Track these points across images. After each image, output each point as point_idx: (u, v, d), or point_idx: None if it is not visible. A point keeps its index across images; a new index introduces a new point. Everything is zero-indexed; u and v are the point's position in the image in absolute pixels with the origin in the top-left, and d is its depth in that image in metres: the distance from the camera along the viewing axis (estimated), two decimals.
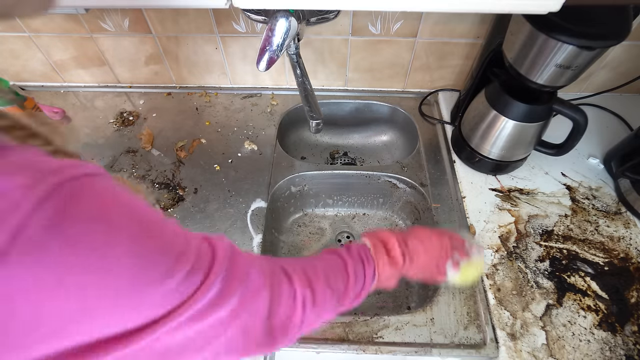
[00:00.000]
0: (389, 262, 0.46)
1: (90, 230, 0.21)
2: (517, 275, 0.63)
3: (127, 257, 0.23)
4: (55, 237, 0.20)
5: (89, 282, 0.21)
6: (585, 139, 0.65)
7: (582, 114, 0.61)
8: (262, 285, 0.33)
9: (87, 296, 0.21)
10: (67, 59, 0.91)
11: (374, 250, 0.46)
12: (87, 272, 0.21)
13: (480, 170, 0.77)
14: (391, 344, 0.58)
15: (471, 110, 0.75)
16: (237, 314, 0.30)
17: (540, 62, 0.55)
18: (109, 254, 0.22)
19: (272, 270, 0.36)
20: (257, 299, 0.32)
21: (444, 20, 0.77)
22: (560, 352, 0.56)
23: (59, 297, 0.20)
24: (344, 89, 0.95)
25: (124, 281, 0.23)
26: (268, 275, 0.35)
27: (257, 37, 0.83)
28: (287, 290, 0.36)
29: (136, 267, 0.23)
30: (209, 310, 0.27)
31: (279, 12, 0.53)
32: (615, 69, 0.84)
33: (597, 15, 0.50)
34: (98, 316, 0.22)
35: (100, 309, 0.22)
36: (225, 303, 0.29)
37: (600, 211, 0.71)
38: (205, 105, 0.93)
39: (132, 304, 0.23)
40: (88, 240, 0.21)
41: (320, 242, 0.86)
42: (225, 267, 0.30)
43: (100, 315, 0.22)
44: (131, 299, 0.23)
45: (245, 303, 0.31)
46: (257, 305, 0.32)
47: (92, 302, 0.22)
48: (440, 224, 0.71)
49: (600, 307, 0.60)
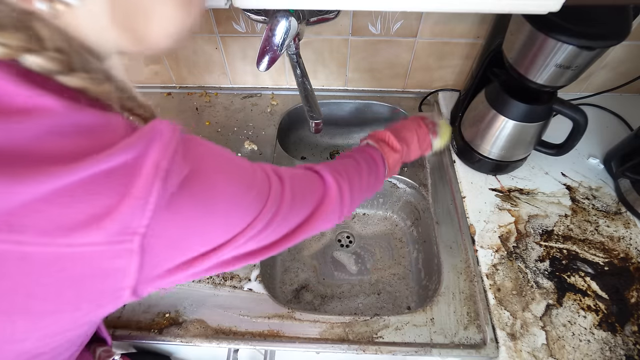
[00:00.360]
0: (392, 151, 0.58)
1: (214, 179, 0.30)
2: (517, 275, 0.63)
3: (233, 194, 0.32)
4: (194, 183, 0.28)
5: (212, 213, 0.30)
6: (585, 139, 0.65)
7: (582, 114, 0.61)
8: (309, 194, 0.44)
9: (210, 223, 0.30)
10: None
11: (378, 146, 0.58)
12: (212, 207, 0.30)
13: (480, 170, 0.77)
14: (391, 344, 0.58)
15: (471, 110, 0.75)
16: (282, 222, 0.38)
17: (540, 62, 0.55)
18: (226, 191, 0.31)
19: (310, 179, 0.46)
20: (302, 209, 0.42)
21: (444, 20, 0.77)
22: (560, 352, 0.56)
23: (198, 224, 0.29)
24: (344, 89, 0.95)
25: (230, 210, 0.32)
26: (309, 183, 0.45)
27: (257, 37, 0.83)
28: (323, 189, 0.46)
29: (237, 198, 0.32)
30: (266, 226, 0.36)
31: (279, 12, 0.53)
32: (615, 69, 0.84)
33: (597, 15, 0.50)
34: (211, 239, 0.31)
35: (214, 231, 0.31)
36: (277, 217, 0.37)
37: (600, 211, 0.71)
38: (205, 105, 0.93)
39: (229, 225, 0.32)
40: (214, 185, 0.30)
41: (320, 242, 0.86)
42: (278, 194, 0.38)
43: (215, 236, 0.31)
44: (230, 221, 0.32)
45: (290, 213, 0.39)
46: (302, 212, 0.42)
47: (211, 227, 0.30)
48: (440, 224, 0.71)
49: (600, 307, 0.60)
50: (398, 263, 0.82)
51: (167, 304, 0.62)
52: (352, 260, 0.83)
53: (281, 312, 0.61)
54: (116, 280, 0.26)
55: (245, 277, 0.65)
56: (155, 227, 0.25)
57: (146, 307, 0.62)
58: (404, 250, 0.84)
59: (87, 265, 0.24)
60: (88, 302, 0.27)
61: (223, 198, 0.31)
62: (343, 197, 0.47)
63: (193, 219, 0.28)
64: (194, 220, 0.29)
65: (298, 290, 0.78)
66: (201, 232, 0.30)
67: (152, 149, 0.25)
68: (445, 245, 0.68)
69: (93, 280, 0.25)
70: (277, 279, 0.79)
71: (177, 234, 0.28)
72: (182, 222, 0.28)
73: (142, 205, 0.24)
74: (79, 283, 0.25)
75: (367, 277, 0.81)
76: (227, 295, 0.63)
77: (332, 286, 0.79)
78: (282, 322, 0.60)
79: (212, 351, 0.74)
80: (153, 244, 0.26)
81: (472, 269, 0.65)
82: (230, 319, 0.61)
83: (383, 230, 0.88)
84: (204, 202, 0.29)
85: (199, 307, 0.62)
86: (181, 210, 0.27)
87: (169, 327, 0.60)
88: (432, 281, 0.70)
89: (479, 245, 0.67)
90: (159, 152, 0.25)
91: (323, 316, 0.61)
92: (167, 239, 0.27)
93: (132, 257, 0.25)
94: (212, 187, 0.30)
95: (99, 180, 0.23)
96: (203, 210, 0.29)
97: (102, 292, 0.27)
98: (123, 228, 0.24)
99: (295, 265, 0.82)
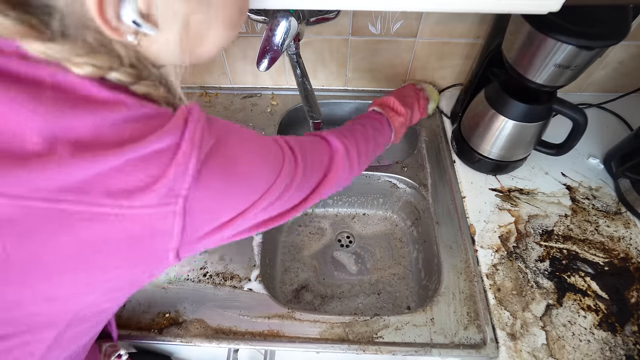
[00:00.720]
0: (397, 115, 0.64)
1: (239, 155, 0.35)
2: (517, 275, 0.63)
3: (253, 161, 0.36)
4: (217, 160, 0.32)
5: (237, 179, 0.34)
6: (585, 139, 0.65)
7: (582, 113, 0.61)
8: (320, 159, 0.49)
9: (236, 187, 0.34)
10: None
11: (384, 111, 0.64)
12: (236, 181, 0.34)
13: (480, 170, 0.77)
14: (391, 344, 0.58)
15: (471, 110, 0.75)
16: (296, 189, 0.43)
17: (539, 61, 0.55)
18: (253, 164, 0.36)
19: (318, 145, 0.50)
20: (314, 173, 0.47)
21: (444, 20, 0.77)
22: (560, 352, 0.56)
23: (227, 188, 0.33)
24: (344, 89, 0.95)
25: (252, 176, 0.36)
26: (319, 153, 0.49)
27: (257, 37, 0.83)
28: (330, 152, 0.51)
29: (257, 164, 0.37)
30: (282, 193, 0.40)
31: (279, 12, 0.54)
32: (616, 69, 0.84)
33: (596, 15, 0.50)
34: (237, 204, 0.35)
35: (240, 196, 0.35)
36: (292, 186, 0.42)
37: (600, 211, 0.71)
38: (205, 105, 0.93)
39: (252, 190, 0.36)
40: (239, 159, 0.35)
41: (320, 242, 0.86)
42: (292, 162, 0.42)
43: (241, 200, 0.36)
44: (252, 186, 0.36)
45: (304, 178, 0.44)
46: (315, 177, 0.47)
47: (237, 192, 0.35)
48: (440, 224, 0.71)
49: (600, 307, 0.60)
50: (398, 263, 0.82)
51: (167, 304, 0.62)
52: (352, 260, 0.83)
53: (281, 312, 0.61)
54: (164, 242, 0.31)
55: (245, 277, 0.65)
56: (194, 190, 0.30)
57: (146, 307, 0.62)
58: (404, 250, 0.84)
59: (144, 226, 0.29)
60: (143, 261, 0.31)
61: (245, 165, 0.35)
62: (351, 158, 0.52)
63: (222, 184, 0.32)
64: (223, 185, 0.33)
65: (298, 290, 0.78)
66: (230, 196, 0.34)
67: (187, 128, 0.30)
68: (445, 245, 0.68)
69: (148, 240, 0.30)
70: (277, 279, 0.79)
71: (211, 197, 0.32)
72: (213, 187, 0.32)
73: (183, 170, 0.29)
74: (137, 242, 0.29)
75: (367, 277, 0.81)
76: (227, 295, 0.63)
77: (332, 286, 0.79)
78: (282, 322, 0.60)
79: (212, 351, 0.74)
80: (194, 208, 0.30)
81: (472, 269, 0.65)
82: (230, 319, 0.61)
83: (383, 230, 0.88)
84: (229, 168, 0.33)
85: (199, 307, 0.62)
86: (212, 175, 0.31)
87: (169, 327, 0.60)
88: (432, 281, 0.70)
89: (479, 245, 0.67)
90: (192, 128, 0.30)
91: (323, 316, 0.61)
92: (204, 203, 0.31)
93: (176, 219, 0.30)
94: (234, 155, 0.34)
95: (152, 155, 0.28)
96: (229, 176, 0.33)
97: (154, 252, 0.31)
98: (169, 190, 0.28)
99: (295, 265, 0.82)
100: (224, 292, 0.64)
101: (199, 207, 0.31)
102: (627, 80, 0.85)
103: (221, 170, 0.32)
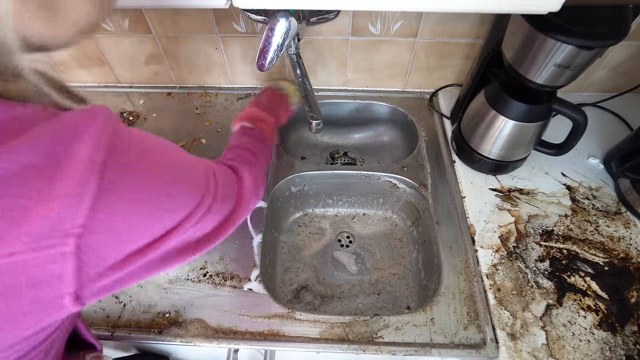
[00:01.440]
0: (267, 124, 0.65)
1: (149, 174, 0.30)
2: (517, 275, 0.63)
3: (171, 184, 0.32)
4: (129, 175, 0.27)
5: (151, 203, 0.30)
6: (585, 139, 0.65)
7: (582, 113, 0.61)
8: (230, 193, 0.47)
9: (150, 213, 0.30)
10: (67, 58, 0.91)
11: (255, 125, 0.64)
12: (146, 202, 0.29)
13: (480, 170, 0.77)
14: (391, 344, 0.58)
15: (471, 110, 0.75)
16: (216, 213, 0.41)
17: (539, 61, 0.55)
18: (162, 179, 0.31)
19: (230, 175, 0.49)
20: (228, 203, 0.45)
21: (444, 20, 0.77)
22: (560, 352, 0.55)
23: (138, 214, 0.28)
24: (344, 89, 0.95)
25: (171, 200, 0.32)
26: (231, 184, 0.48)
27: (257, 37, 0.83)
28: (237, 181, 0.50)
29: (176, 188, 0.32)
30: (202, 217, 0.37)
31: (279, 12, 0.54)
32: (615, 69, 0.84)
33: (596, 15, 0.50)
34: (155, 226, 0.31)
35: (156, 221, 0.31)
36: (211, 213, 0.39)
37: (600, 211, 0.71)
38: (205, 105, 0.93)
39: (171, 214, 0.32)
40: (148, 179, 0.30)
41: (320, 242, 0.86)
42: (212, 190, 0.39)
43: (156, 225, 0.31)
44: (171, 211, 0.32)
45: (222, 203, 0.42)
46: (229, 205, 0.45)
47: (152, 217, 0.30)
48: (440, 224, 0.71)
49: (600, 307, 0.60)
50: (398, 263, 0.82)
51: (167, 304, 0.62)
52: (352, 260, 0.83)
53: (281, 312, 0.61)
54: (53, 288, 0.25)
55: (245, 277, 0.65)
56: (92, 224, 0.24)
57: (146, 307, 0.62)
58: (404, 250, 0.84)
59: (17, 277, 0.23)
60: (25, 315, 0.25)
61: (160, 189, 0.30)
62: (257, 184, 0.54)
63: (133, 210, 0.28)
64: (133, 211, 0.28)
65: (298, 290, 0.78)
66: (141, 222, 0.29)
67: (81, 141, 0.23)
68: (445, 245, 0.68)
69: (27, 290, 0.24)
70: (277, 279, 0.79)
71: (118, 226, 0.27)
72: (122, 214, 0.27)
73: (76, 203, 0.23)
74: (11, 296, 0.23)
75: (367, 277, 0.81)
76: (227, 295, 0.63)
77: (332, 286, 0.79)
78: (282, 322, 0.60)
79: (212, 351, 0.74)
80: (92, 242, 0.25)
81: (472, 269, 0.65)
82: (230, 319, 0.61)
83: (383, 230, 0.88)
84: (143, 192, 0.28)
85: (199, 307, 0.62)
86: (120, 202, 0.26)
87: (169, 327, 0.60)
88: (432, 281, 0.70)
89: (479, 245, 0.67)
90: (91, 141, 0.23)
91: (323, 316, 0.61)
92: (108, 234, 0.26)
93: (68, 260, 0.24)
94: (149, 178, 0.29)
95: (20, 173, 0.20)
96: (142, 200, 0.28)
97: (39, 303, 0.25)
98: (51, 231, 0.22)
99: (295, 265, 0.82)
100: (224, 292, 0.64)
101: (102, 240, 0.26)
102: (626, 80, 0.85)
103: (134, 195, 0.27)
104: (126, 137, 0.28)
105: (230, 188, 0.47)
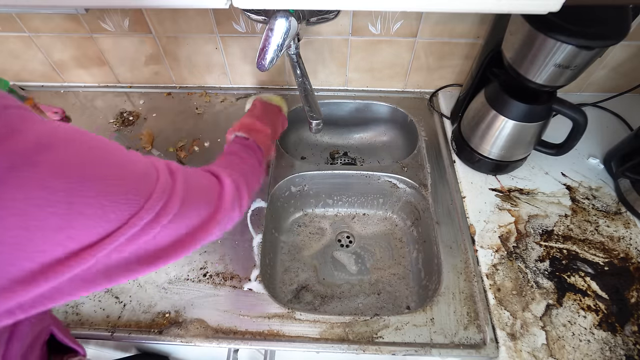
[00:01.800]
0: (263, 134, 0.65)
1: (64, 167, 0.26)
2: (517, 275, 0.63)
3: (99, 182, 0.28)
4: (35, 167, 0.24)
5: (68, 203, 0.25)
6: (585, 139, 0.65)
7: (582, 113, 0.61)
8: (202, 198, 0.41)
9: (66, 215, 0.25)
10: (67, 59, 0.91)
11: (249, 135, 0.63)
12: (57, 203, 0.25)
13: (480, 170, 0.77)
14: (391, 344, 0.58)
15: (471, 110, 0.75)
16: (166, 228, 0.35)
17: (539, 61, 0.55)
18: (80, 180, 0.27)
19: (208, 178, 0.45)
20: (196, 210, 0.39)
21: (444, 20, 0.77)
22: (560, 352, 0.55)
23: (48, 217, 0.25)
24: (344, 89, 0.95)
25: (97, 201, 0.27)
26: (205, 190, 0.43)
27: (257, 37, 0.83)
28: (218, 184, 0.46)
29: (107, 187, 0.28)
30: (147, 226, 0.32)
31: (279, 12, 0.54)
32: (615, 69, 0.84)
33: (596, 15, 0.50)
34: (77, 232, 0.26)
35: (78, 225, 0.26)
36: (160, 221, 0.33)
37: (600, 211, 0.71)
38: (205, 105, 0.93)
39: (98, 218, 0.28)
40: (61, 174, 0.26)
41: (320, 242, 0.86)
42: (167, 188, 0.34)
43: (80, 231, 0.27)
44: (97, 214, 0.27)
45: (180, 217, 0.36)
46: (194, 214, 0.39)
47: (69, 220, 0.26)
48: (440, 224, 0.71)
49: (600, 307, 0.60)
50: (398, 263, 0.82)
51: (167, 304, 0.62)
52: (352, 260, 0.83)
53: (281, 312, 0.61)
54: None
55: (245, 277, 0.65)
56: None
57: (146, 307, 0.62)
58: (404, 250, 0.84)
59: None
60: None
61: (83, 187, 0.26)
62: (241, 195, 0.49)
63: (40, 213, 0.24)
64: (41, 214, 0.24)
65: (298, 290, 0.78)
66: (55, 227, 0.25)
67: None
68: (445, 245, 0.68)
69: None
70: (277, 279, 0.79)
71: (18, 233, 0.23)
72: (22, 219, 0.23)
73: None
74: None
75: (367, 277, 0.81)
76: (227, 295, 0.63)
77: (332, 286, 0.79)
78: (282, 322, 0.60)
79: (212, 351, 0.74)
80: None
81: (472, 269, 0.65)
82: (230, 319, 0.61)
83: (383, 230, 0.88)
84: (57, 190, 0.24)
85: (199, 307, 0.62)
86: (19, 200, 0.23)
87: (169, 327, 0.60)
88: (432, 281, 0.70)
89: (479, 245, 0.67)
90: None
91: (323, 316, 0.61)
92: (7, 241, 0.23)
93: None
94: (70, 172, 0.26)
95: None
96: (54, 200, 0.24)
97: None
98: None
99: (295, 265, 0.82)
100: (224, 292, 0.64)
101: None
102: (626, 80, 0.85)
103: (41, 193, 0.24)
104: (30, 127, 0.24)
105: (204, 193, 0.42)
